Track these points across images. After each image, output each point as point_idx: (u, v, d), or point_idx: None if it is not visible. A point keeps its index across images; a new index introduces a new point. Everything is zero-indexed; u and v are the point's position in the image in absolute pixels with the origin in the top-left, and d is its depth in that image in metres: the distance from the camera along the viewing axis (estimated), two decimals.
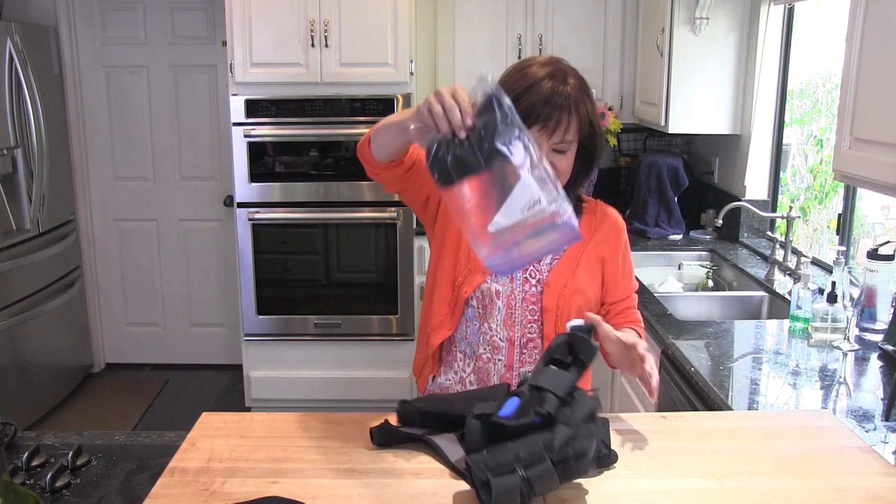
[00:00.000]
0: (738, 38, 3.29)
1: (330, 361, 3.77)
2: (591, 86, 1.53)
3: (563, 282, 1.58)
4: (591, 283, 1.61)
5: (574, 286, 1.58)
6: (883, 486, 1.19)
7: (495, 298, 1.59)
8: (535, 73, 1.47)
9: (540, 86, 1.45)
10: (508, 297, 1.59)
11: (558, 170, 1.50)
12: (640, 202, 3.66)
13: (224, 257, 4.39)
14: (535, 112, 1.44)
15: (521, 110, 1.42)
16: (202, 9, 4.17)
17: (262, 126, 3.55)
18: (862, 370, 1.97)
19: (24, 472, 1.30)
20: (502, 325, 1.60)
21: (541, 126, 1.45)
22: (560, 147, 1.48)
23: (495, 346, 1.60)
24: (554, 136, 1.46)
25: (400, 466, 1.25)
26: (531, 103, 1.44)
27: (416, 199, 1.62)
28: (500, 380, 1.59)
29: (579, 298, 1.59)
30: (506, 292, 1.59)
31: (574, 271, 1.59)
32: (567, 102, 1.45)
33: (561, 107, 1.44)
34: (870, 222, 2.64)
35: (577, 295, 1.59)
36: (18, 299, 3.62)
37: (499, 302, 1.59)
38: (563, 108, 1.44)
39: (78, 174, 4.24)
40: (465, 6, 3.73)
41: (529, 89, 1.45)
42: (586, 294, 1.60)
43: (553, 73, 1.47)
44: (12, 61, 3.55)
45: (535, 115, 1.44)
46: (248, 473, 1.23)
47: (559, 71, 1.48)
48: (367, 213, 3.65)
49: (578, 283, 1.59)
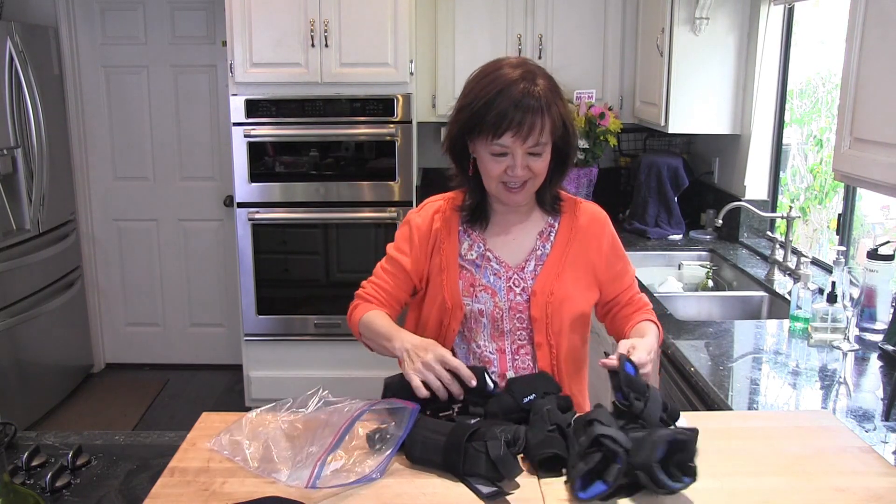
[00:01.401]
0: (738, 39, 3.29)
1: (330, 361, 3.77)
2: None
3: (548, 289, 1.57)
4: (579, 287, 1.60)
5: (562, 294, 1.57)
6: (883, 486, 1.19)
7: (479, 317, 1.59)
8: (506, 75, 1.47)
9: (511, 90, 1.45)
10: (492, 312, 1.58)
11: (534, 171, 1.50)
12: (640, 202, 3.66)
13: (224, 257, 4.38)
14: (507, 118, 1.44)
15: (494, 116, 1.44)
16: (202, 9, 4.17)
17: (262, 126, 3.55)
18: (862, 370, 1.97)
19: (24, 472, 1.30)
20: (490, 339, 1.60)
21: (514, 132, 1.44)
22: (535, 150, 1.48)
23: (486, 360, 1.60)
24: (528, 141, 1.46)
25: (400, 467, 1.25)
26: (503, 108, 1.44)
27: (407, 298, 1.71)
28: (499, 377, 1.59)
29: (570, 306, 1.58)
30: (489, 309, 1.58)
31: (559, 276, 1.58)
32: (539, 104, 1.44)
33: (534, 110, 1.44)
34: (870, 222, 2.64)
35: (567, 303, 1.58)
36: (18, 299, 3.62)
37: (483, 319, 1.59)
38: (536, 111, 1.44)
39: (78, 174, 4.24)
40: (465, 6, 3.73)
41: (500, 94, 1.45)
42: (575, 300, 1.59)
43: (524, 74, 1.47)
44: (12, 61, 3.55)
45: (508, 122, 1.44)
46: (248, 473, 1.24)
47: (528, 73, 1.48)
48: (367, 213, 3.65)
49: (565, 289, 1.58)
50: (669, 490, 1.13)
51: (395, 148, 3.56)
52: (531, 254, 1.61)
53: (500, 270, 1.60)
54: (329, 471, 1.19)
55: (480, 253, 1.61)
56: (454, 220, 1.63)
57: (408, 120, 3.55)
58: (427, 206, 1.67)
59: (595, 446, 1.16)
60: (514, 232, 1.62)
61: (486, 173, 1.52)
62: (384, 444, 1.25)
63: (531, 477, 1.23)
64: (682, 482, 1.14)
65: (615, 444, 1.14)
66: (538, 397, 1.35)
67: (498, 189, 1.53)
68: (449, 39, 3.76)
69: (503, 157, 1.49)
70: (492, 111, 1.44)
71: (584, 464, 1.14)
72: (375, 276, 1.68)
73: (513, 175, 1.49)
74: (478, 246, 1.62)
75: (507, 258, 1.61)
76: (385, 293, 1.66)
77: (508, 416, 1.33)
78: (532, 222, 1.63)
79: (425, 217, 1.65)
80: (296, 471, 1.19)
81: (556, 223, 1.63)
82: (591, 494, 1.14)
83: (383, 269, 1.67)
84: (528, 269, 1.60)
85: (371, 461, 1.22)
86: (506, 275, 1.60)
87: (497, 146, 1.47)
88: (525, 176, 1.50)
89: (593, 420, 1.21)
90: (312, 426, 1.29)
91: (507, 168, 1.49)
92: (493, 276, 1.59)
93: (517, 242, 1.62)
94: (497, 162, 1.49)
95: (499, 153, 1.48)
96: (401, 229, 1.68)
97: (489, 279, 1.59)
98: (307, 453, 1.22)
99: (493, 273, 1.60)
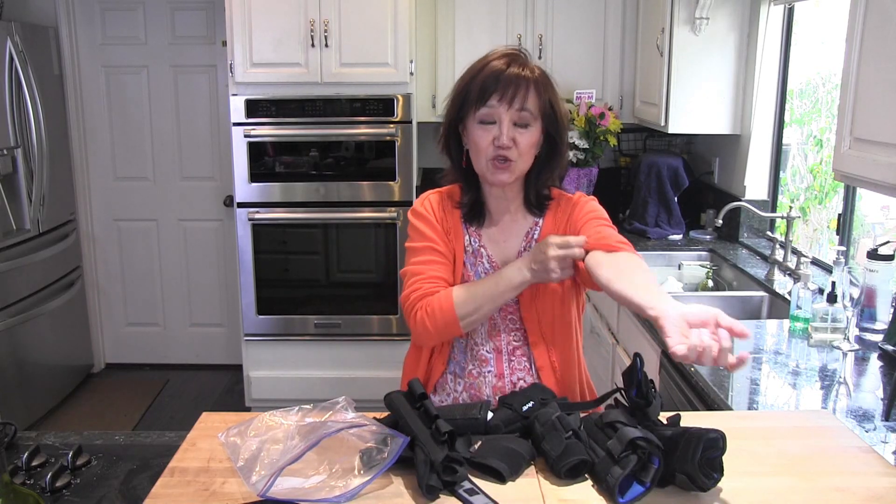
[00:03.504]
0: (738, 38, 3.29)
1: (330, 361, 3.77)
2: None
3: (535, 287, 1.56)
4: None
5: (549, 290, 1.57)
6: (883, 486, 1.19)
7: None
8: (489, 57, 1.53)
9: (496, 63, 1.50)
10: None
11: (520, 146, 1.50)
12: (639, 202, 3.66)
13: (224, 257, 4.39)
14: (494, 82, 1.48)
15: (479, 83, 1.48)
16: (202, 9, 4.17)
17: (262, 126, 3.55)
18: (862, 370, 1.97)
19: (24, 472, 1.29)
20: (487, 338, 1.60)
21: (500, 95, 1.48)
22: (522, 119, 1.50)
23: (483, 360, 1.60)
24: (514, 104, 1.48)
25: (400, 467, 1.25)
26: (488, 75, 1.49)
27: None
28: (493, 390, 1.59)
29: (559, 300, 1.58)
30: None
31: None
32: (526, 76, 1.49)
33: (519, 78, 1.48)
34: (870, 222, 2.64)
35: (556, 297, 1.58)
36: (18, 299, 3.62)
37: None
38: (521, 80, 1.49)
39: (78, 174, 4.24)
40: (465, 6, 3.73)
41: (486, 66, 1.51)
42: (563, 293, 1.58)
43: (508, 56, 1.52)
44: (12, 61, 3.55)
45: (495, 86, 1.48)
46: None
47: (518, 56, 1.53)
48: (367, 213, 3.65)
49: (550, 286, 1.57)
50: (706, 489, 1.16)
51: (395, 148, 3.56)
52: (518, 255, 1.61)
53: (490, 269, 1.60)
54: (308, 483, 1.17)
55: (475, 248, 1.61)
56: (456, 213, 1.64)
57: (408, 120, 3.55)
58: (429, 198, 1.66)
59: (629, 449, 1.16)
60: (505, 233, 1.63)
61: (475, 149, 1.53)
62: (369, 469, 1.20)
63: (531, 477, 1.23)
64: (713, 479, 1.16)
65: (651, 445, 1.15)
66: (537, 404, 1.35)
67: (486, 166, 1.53)
68: (449, 39, 3.76)
69: (490, 126, 1.50)
70: (478, 78, 1.50)
71: (622, 468, 1.15)
72: (420, 273, 1.56)
73: (499, 143, 1.49)
74: (474, 240, 1.62)
75: (497, 258, 1.61)
76: (444, 284, 1.56)
77: (510, 427, 1.32)
78: (521, 223, 1.63)
79: (432, 204, 1.64)
80: (264, 477, 1.17)
81: (541, 221, 1.63)
82: (630, 497, 1.14)
83: (422, 262, 1.57)
84: None
85: (349, 482, 1.18)
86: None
87: (484, 110, 1.49)
88: (510, 148, 1.49)
89: (613, 422, 1.22)
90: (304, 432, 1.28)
91: (494, 138, 1.49)
92: (484, 275, 1.60)
93: (507, 243, 1.62)
94: (485, 130, 1.50)
95: (487, 120, 1.50)
96: (415, 221, 1.62)
97: (480, 277, 1.60)
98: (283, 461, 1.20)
99: (484, 272, 1.60)
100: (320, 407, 1.32)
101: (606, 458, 1.18)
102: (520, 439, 1.29)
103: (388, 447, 1.22)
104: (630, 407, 1.28)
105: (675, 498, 1.17)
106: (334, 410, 1.30)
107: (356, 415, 1.29)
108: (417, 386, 1.31)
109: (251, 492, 1.16)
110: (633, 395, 1.28)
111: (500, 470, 1.20)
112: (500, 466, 1.21)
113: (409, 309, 1.55)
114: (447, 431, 1.20)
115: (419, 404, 1.29)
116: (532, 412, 1.33)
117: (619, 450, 1.17)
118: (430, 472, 1.16)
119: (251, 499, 1.15)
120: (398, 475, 1.22)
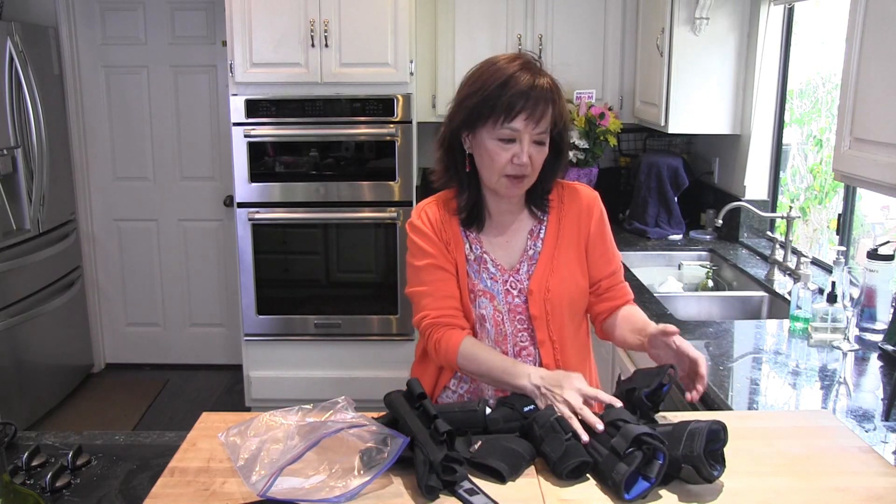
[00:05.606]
0: (738, 38, 3.29)
1: (330, 361, 3.77)
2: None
3: (545, 286, 1.57)
4: (574, 275, 1.61)
5: (558, 288, 1.58)
6: (883, 486, 1.19)
7: (483, 322, 1.59)
8: (508, 67, 1.49)
9: (520, 77, 1.47)
10: (494, 315, 1.59)
11: (535, 164, 1.51)
12: (639, 202, 3.66)
13: (224, 257, 4.39)
14: (521, 100, 1.45)
15: (507, 98, 1.46)
16: (202, 9, 4.17)
17: (262, 126, 3.55)
18: (862, 370, 1.97)
19: (24, 472, 1.29)
20: (493, 343, 1.60)
21: (527, 115, 1.46)
22: (540, 138, 1.50)
23: None
24: (539, 126, 1.48)
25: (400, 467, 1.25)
26: (516, 91, 1.46)
27: None
28: (495, 391, 1.59)
29: (568, 297, 1.59)
30: (489, 313, 1.58)
31: (553, 271, 1.59)
32: (548, 95, 1.48)
33: (544, 99, 1.47)
34: (870, 222, 2.64)
35: (565, 295, 1.59)
36: (18, 299, 3.62)
37: (487, 324, 1.59)
38: (546, 100, 1.48)
39: (78, 174, 4.24)
40: (465, 6, 3.73)
41: (511, 79, 1.47)
42: (572, 290, 1.60)
43: (525, 65, 1.50)
44: (12, 61, 3.55)
45: (522, 104, 1.46)
46: None
47: (530, 64, 1.51)
48: (367, 213, 3.65)
49: (561, 281, 1.58)
50: (712, 479, 1.17)
51: (395, 148, 3.56)
52: (523, 255, 1.61)
53: (497, 274, 1.60)
54: (308, 483, 1.17)
55: (478, 255, 1.61)
56: (454, 221, 1.62)
57: (408, 120, 3.55)
58: (425, 210, 1.64)
59: (634, 446, 1.17)
60: (508, 233, 1.62)
61: (491, 163, 1.51)
62: (369, 469, 1.21)
63: (531, 477, 1.23)
64: (717, 470, 1.18)
65: (656, 440, 1.16)
66: (537, 407, 1.36)
67: (500, 182, 1.53)
68: (449, 39, 3.76)
69: (510, 144, 1.49)
70: (505, 94, 1.46)
71: (627, 465, 1.15)
72: (430, 294, 1.58)
73: (519, 162, 1.48)
74: (476, 247, 1.62)
75: (502, 261, 1.61)
76: (454, 302, 1.58)
77: (509, 424, 1.33)
78: (523, 222, 1.63)
79: (430, 217, 1.63)
80: (264, 477, 1.17)
81: (545, 219, 1.63)
82: (636, 493, 1.15)
83: (430, 281, 1.58)
84: (523, 270, 1.60)
85: (349, 482, 1.18)
86: (502, 278, 1.60)
87: (507, 130, 1.47)
88: (527, 166, 1.50)
89: (616, 420, 1.23)
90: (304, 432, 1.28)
91: (513, 156, 1.49)
92: (490, 280, 1.59)
93: (511, 244, 1.62)
94: (504, 149, 1.49)
95: (507, 138, 1.48)
96: (414, 237, 1.62)
97: (486, 283, 1.59)
98: (283, 461, 1.20)
99: (489, 277, 1.59)
100: (320, 407, 1.33)
101: (611, 456, 1.18)
102: (520, 439, 1.29)
103: (387, 447, 1.22)
104: (632, 405, 1.28)
105: (677, 495, 1.17)
106: (334, 410, 1.31)
107: (356, 415, 1.29)
108: (416, 386, 1.31)
109: (251, 492, 1.16)
110: (645, 395, 1.29)
111: (499, 470, 1.20)
112: (500, 466, 1.21)
113: (422, 331, 1.59)
114: (446, 431, 1.21)
115: (418, 404, 1.29)
116: (531, 413, 1.33)
117: (623, 446, 1.17)
118: (430, 473, 1.16)
119: (251, 499, 1.15)
120: (398, 475, 1.22)
